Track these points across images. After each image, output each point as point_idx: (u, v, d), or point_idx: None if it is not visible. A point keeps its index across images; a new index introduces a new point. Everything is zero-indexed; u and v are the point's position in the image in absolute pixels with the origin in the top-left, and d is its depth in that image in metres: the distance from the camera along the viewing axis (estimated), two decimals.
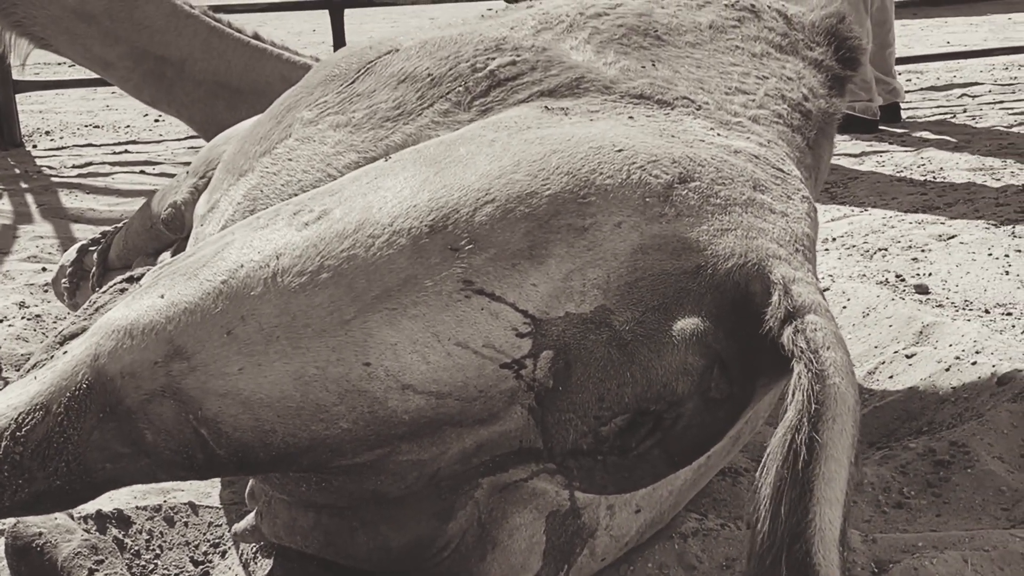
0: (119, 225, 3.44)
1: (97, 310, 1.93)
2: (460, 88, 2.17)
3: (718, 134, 2.01)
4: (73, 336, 1.90)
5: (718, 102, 2.14)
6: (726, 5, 2.45)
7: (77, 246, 3.53)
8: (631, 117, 2.02)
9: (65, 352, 1.85)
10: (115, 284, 1.99)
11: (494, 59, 2.18)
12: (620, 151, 1.80)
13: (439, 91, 2.18)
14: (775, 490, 1.51)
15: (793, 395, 1.56)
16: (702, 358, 1.73)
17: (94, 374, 1.76)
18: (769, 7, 2.51)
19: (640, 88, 2.12)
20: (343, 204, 1.80)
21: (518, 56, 2.19)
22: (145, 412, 1.73)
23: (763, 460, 1.55)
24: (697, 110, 2.09)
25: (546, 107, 2.06)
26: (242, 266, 1.76)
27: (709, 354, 1.74)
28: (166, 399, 1.72)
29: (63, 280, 3.48)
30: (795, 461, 1.51)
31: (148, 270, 1.95)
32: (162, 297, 1.78)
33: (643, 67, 2.19)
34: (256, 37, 3.80)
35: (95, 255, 3.40)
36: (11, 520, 2.13)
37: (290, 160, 2.28)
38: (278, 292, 1.71)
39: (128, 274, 1.99)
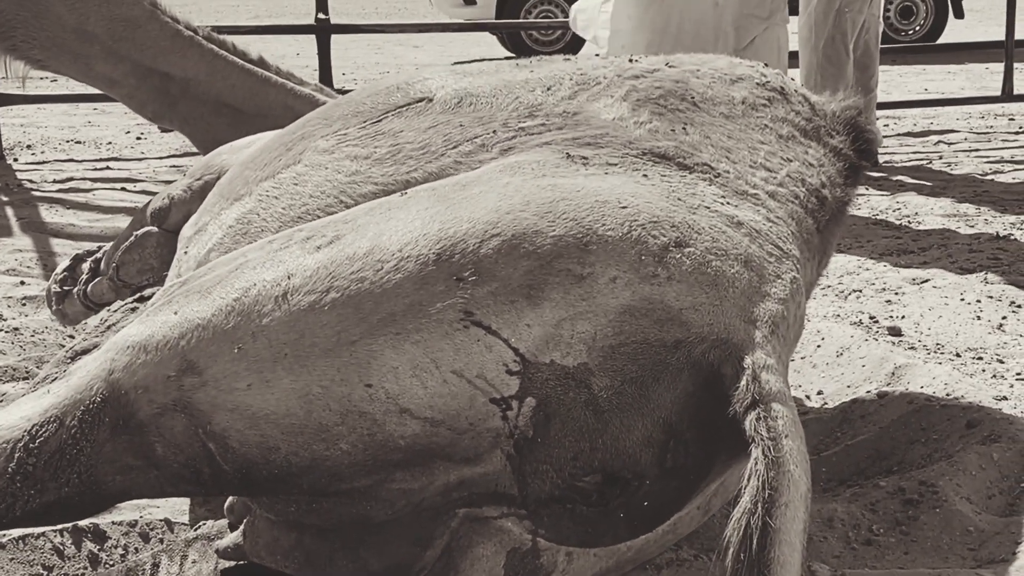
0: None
1: (109, 328, 1.97)
2: (487, 134, 2.21)
3: (728, 203, 2.06)
4: (85, 352, 1.94)
5: (739, 172, 2.18)
6: (758, 84, 2.51)
7: (73, 255, 3.55)
8: (645, 175, 2.06)
9: (78, 367, 1.88)
10: (126, 304, 2.02)
11: (525, 122, 2.24)
12: (624, 208, 1.85)
13: (466, 136, 2.22)
14: (733, 573, 1.59)
15: (749, 480, 1.63)
16: (665, 433, 1.79)
17: (108, 388, 1.80)
18: (796, 91, 2.59)
19: (664, 148, 2.16)
20: (356, 231, 1.85)
21: (548, 120, 2.24)
22: (157, 425, 1.77)
23: (720, 542, 1.61)
24: (715, 177, 2.13)
25: (568, 153, 2.10)
26: (254, 285, 1.80)
27: (672, 430, 1.80)
28: (177, 413, 1.76)
29: (53, 286, 3.51)
30: (750, 545, 1.58)
31: (157, 291, 1.98)
32: (175, 314, 1.82)
33: (673, 130, 2.24)
34: (261, 62, 3.84)
35: (87, 263, 3.43)
36: None
37: (296, 185, 2.30)
38: (288, 311, 1.75)
39: (139, 294, 2.02)
